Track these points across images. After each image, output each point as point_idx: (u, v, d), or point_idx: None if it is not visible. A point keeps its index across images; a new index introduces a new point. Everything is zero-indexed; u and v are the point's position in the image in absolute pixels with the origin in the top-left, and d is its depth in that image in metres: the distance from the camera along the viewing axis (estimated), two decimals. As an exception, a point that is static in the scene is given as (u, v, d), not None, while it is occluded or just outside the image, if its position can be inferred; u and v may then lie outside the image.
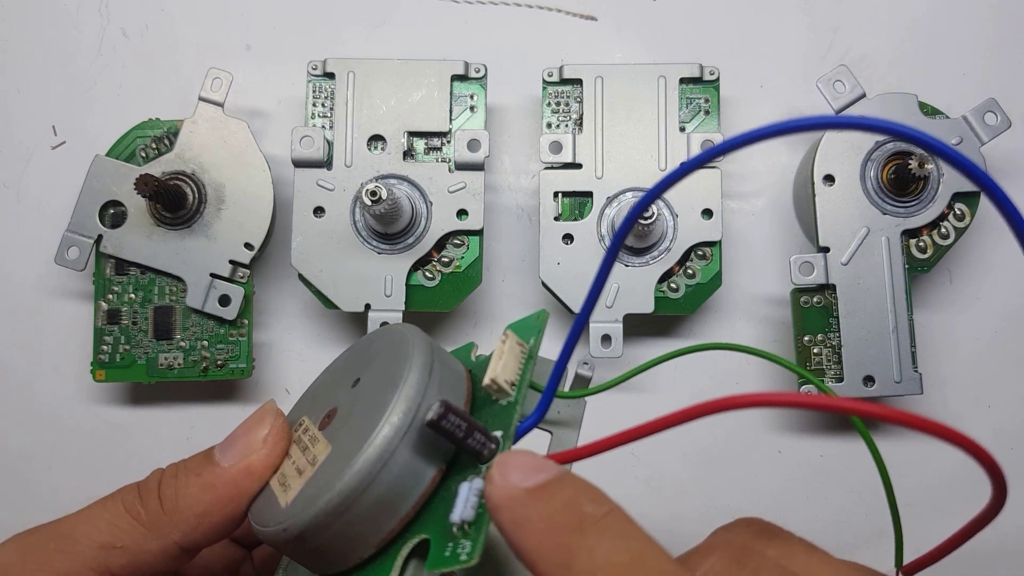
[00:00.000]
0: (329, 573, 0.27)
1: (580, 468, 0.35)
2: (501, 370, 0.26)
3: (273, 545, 0.27)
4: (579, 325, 0.26)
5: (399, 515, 0.26)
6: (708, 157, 0.23)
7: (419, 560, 0.25)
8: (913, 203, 0.45)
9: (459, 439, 0.25)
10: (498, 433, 0.25)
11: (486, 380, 0.26)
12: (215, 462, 0.29)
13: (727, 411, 0.22)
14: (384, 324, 0.32)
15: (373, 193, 0.42)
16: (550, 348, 0.41)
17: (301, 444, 0.29)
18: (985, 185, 0.22)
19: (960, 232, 0.46)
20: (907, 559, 0.48)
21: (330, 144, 0.47)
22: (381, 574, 0.25)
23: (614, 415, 0.48)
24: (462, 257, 0.47)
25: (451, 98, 0.47)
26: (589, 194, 0.47)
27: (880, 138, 0.46)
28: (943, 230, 0.46)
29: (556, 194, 0.47)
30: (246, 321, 0.47)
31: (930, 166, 0.44)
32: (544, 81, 0.48)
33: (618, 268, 0.46)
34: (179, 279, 0.46)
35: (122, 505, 0.29)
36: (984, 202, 0.46)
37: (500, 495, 0.22)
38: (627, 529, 0.22)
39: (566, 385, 0.33)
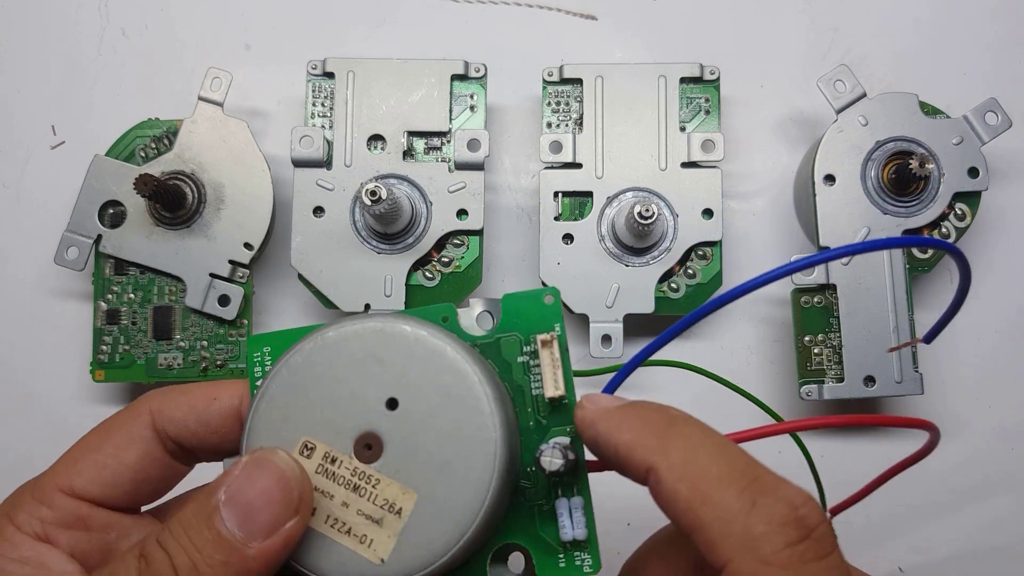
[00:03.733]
0: None
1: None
2: (561, 381, 0.27)
3: None
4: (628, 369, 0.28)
5: (489, 537, 0.26)
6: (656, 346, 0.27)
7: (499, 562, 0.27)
8: (914, 203, 0.45)
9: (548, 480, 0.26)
10: (565, 440, 0.27)
11: (550, 395, 0.27)
12: (241, 541, 0.24)
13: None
14: (369, 312, 0.29)
15: (373, 193, 0.42)
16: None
17: (342, 481, 0.26)
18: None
19: (961, 232, 0.46)
20: (907, 559, 0.48)
21: (330, 144, 0.46)
22: None
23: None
24: (462, 257, 0.47)
25: (451, 98, 0.47)
26: (589, 194, 0.47)
27: (880, 138, 0.46)
28: (944, 230, 0.46)
29: (556, 194, 0.47)
30: (245, 321, 0.46)
31: (931, 166, 0.44)
32: (544, 81, 0.48)
33: (618, 268, 0.46)
34: (178, 279, 0.46)
35: None
36: (985, 202, 0.46)
37: (594, 413, 0.25)
38: (710, 428, 0.25)
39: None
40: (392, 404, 0.26)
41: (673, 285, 0.47)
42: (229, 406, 0.28)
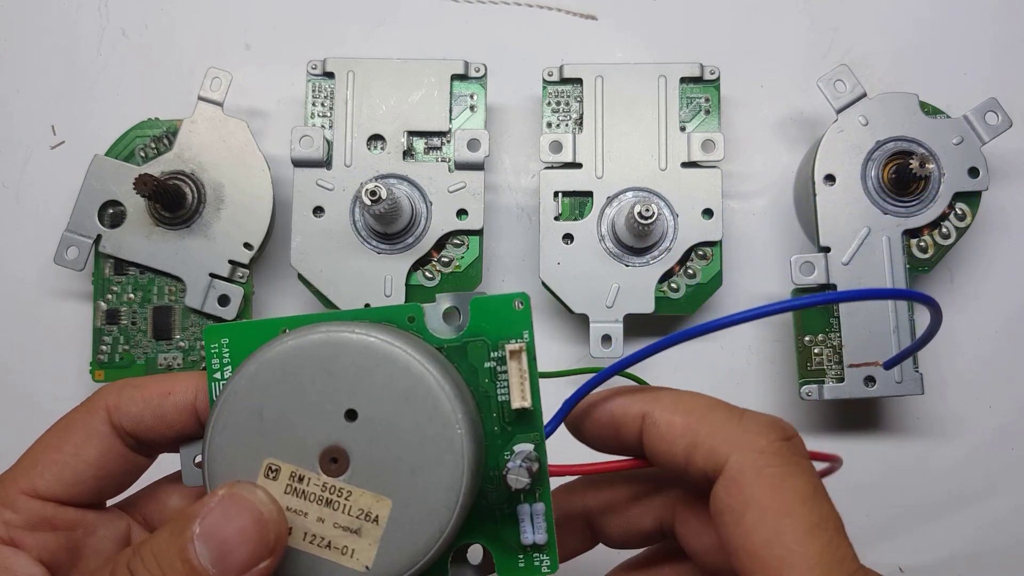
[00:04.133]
0: None
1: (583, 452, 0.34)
2: (528, 392, 0.27)
3: None
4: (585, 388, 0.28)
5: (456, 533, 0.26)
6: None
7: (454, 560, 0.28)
8: (914, 203, 0.45)
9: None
10: (530, 447, 0.27)
11: (516, 406, 0.27)
12: None
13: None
14: (320, 321, 0.27)
15: (373, 193, 0.42)
16: (543, 344, 0.41)
17: (313, 497, 0.25)
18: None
19: (961, 232, 0.46)
20: (907, 559, 0.48)
21: (330, 144, 0.46)
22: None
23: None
24: (462, 257, 0.47)
25: (451, 98, 0.47)
26: (589, 194, 0.47)
27: (881, 138, 0.46)
28: (944, 230, 0.46)
29: (556, 194, 0.47)
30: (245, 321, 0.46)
31: (931, 166, 0.44)
32: (544, 80, 0.48)
33: (618, 268, 0.46)
34: (178, 279, 0.46)
35: None
36: (985, 202, 0.46)
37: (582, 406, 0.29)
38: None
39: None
40: (351, 415, 0.25)
41: (673, 285, 0.47)
42: (184, 400, 0.28)
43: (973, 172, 0.45)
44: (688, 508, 0.29)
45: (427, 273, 0.46)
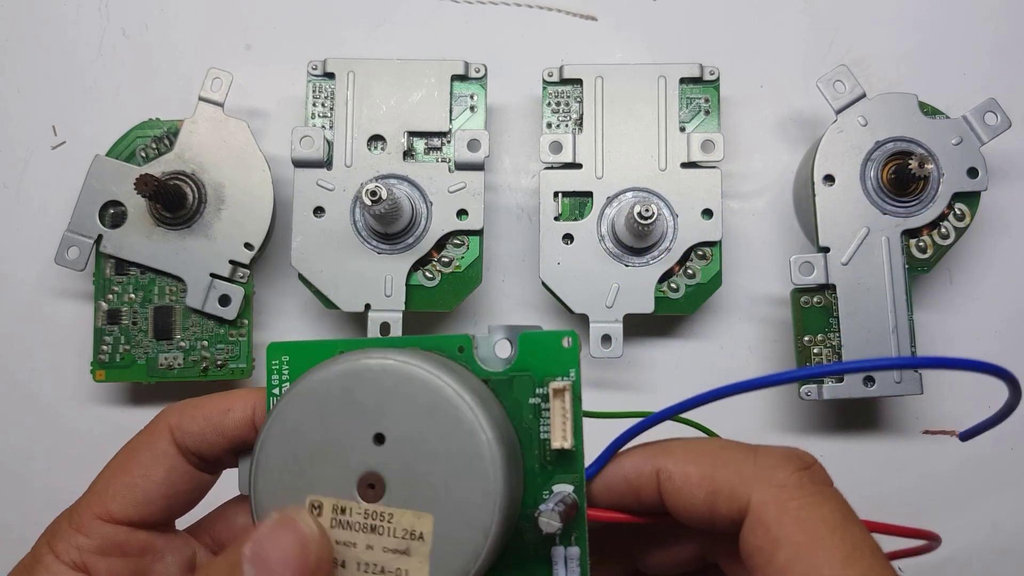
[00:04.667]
0: None
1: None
2: (568, 432, 0.26)
3: None
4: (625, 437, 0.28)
5: (493, 560, 0.26)
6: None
7: None
8: (913, 203, 0.45)
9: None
10: (569, 488, 0.27)
11: (556, 446, 0.26)
12: None
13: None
14: (320, 364, 0.27)
15: (373, 193, 0.42)
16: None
17: (359, 526, 0.26)
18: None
19: (960, 232, 0.46)
20: (907, 559, 0.48)
21: (330, 144, 0.47)
22: None
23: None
24: (462, 257, 0.47)
25: (451, 98, 0.47)
26: (589, 194, 0.47)
27: (880, 138, 0.46)
28: (943, 230, 0.46)
29: (556, 194, 0.47)
30: (246, 321, 0.46)
31: (930, 166, 0.44)
32: (544, 81, 0.48)
33: (618, 268, 0.46)
34: (179, 279, 0.46)
35: None
36: (984, 203, 0.46)
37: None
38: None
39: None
40: (379, 439, 0.26)
41: (673, 285, 0.47)
42: (243, 416, 0.29)
43: (972, 172, 0.45)
44: (728, 539, 0.28)
45: (427, 273, 0.46)
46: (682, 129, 0.47)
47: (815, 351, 0.45)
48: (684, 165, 0.47)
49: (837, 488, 0.25)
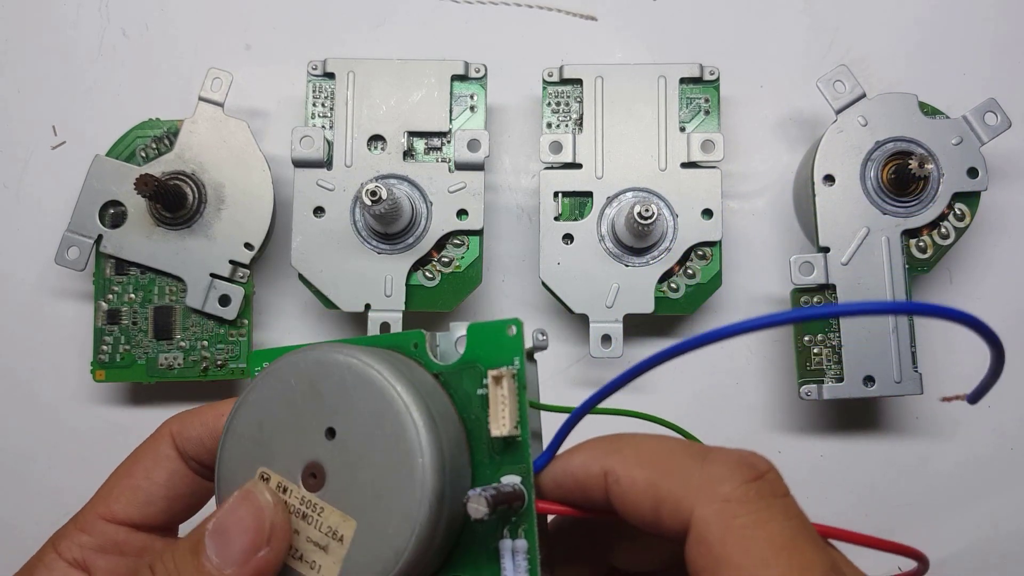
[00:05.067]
0: None
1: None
2: (509, 419, 0.26)
3: None
4: (573, 419, 0.26)
5: (435, 566, 0.27)
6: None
7: None
8: (913, 203, 0.45)
9: (497, 516, 0.25)
10: (516, 479, 0.26)
11: (496, 434, 0.26)
12: (216, 567, 0.25)
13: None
14: (299, 349, 0.28)
15: (373, 193, 0.42)
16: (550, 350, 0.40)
17: (293, 509, 0.26)
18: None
19: (960, 232, 0.46)
20: (907, 559, 0.48)
21: (330, 144, 0.47)
22: None
23: (614, 417, 0.48)
24: (462, 257, 0.47)
25: (451, 98, 0.47)
26: (589, 194, 0.47)
27: (880, 138, 0.46)
28: (943, 230, 0.46)
29: (556, 194, 0.47)
30: (246, 321, 0.46)
31: (930, 166, 0.44)
32: (544, 81, 0.48)
33: (618, 268, 0.46)
34: (179, 279, 0.46)
35: None
36: (984, 203, 0.46)
37: (547, 471, 0.26)
38: (660, 434, 0.25)
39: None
40: (331, 433, 0.26)
41: (673, 285, 0.47)
42: None
43: (972, 172, 0.45)
44: None
45: (427, 273, 0.46)
46: (682, 129, 0.47)
47: (815, 351, 0.45)
48: (684, 165, 0.47)
49: (793, 499, 0.23)
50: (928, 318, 0.43)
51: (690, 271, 0.47)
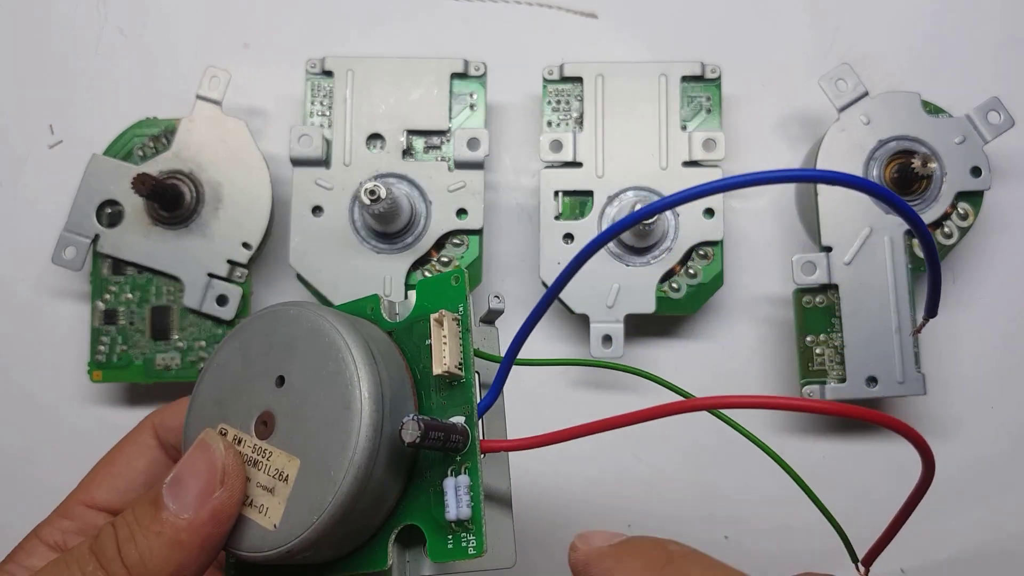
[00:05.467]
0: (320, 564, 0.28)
1: (580, 457, 0.34)
2: (449, 357, 0.27)
3: (266, 563, 0.27)
4: (528, 325, 0.27)
5: (383, 512, 0.27)
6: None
7: (402, 544, 0.28)
8: (916, 202, 0.45)
9: (437, 448, 0.26)
10: (461, 419, 0.27)
11: (437, 371, 0.27)
12: (173, 513, 0.26)
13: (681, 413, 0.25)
14: (271, 306, 0.29)
15: (372, 192, 0.42)
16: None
17: (246, 458, 0.27)
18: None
19: (963, 232, 0.45)
20: (908, 559, 0.48)
21: (329, 143, 0.46)
22: (376, 562, 0.27)
23: (611, 413, 0.48)
24: (462, 256, 0.46)
25: (451, 96, 0.47)
26: (590, 193, 0.47)
27: (883, 137, 0.45)
28: (946, 230, 0.45)
29: (556, 193, 0.47)
30: (244, 321, 0.46)
31: (933, 165, 0.43)
32: (544, 79, 0.47)
33: (619, 268, 0.46)
34: (176, 279, 0.46)
35: None
36: (987, 202, 0.46)
37: (587, 555, 0.26)
38: (712, 562, 0.24)
39: (476, 319, 0.32)
40: (280, 381, 0.27)
41: (674, 285, 0.46)
42: None
43: (975, 171, 0.45)
44: None
45: (427, 273, 0.46)
46: (683, 128, 0.47)
47: (817, 351, 0.45)
48: (685, 164, 0.46)
49: None
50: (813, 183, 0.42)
51: (692, 271, 0.46)
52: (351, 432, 0.25)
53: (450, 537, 0.26)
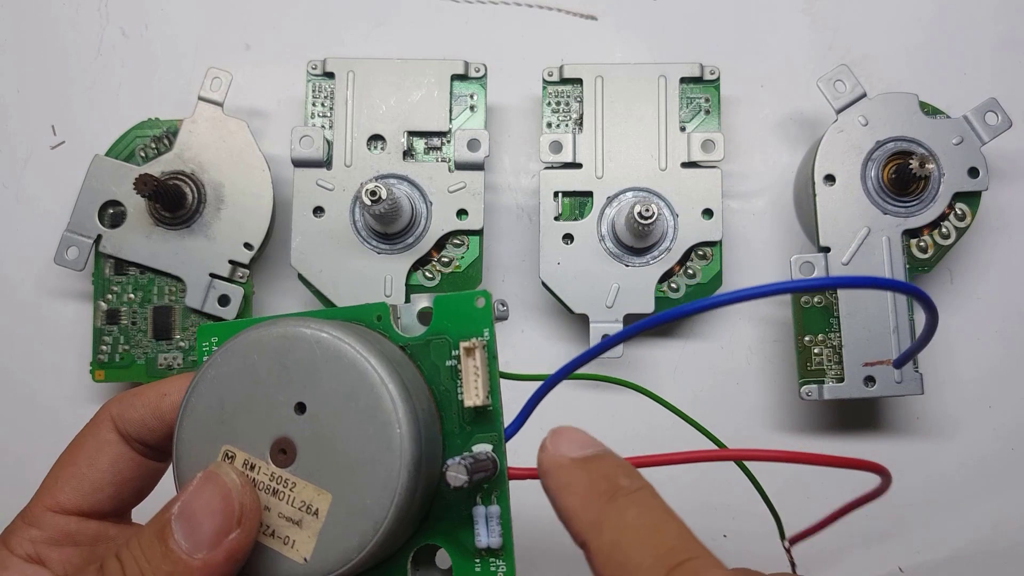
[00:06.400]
0: None
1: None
2: (481, 389, 0.26)
3: None
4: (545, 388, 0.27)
5: (408, 534, 0.27)
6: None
7: (414, 563, 0.28)
8: (914, 203, 0.45)
9: (473, 484, 0.26)
10: (488, 447, 0.27)
11: (469, 404, 0.26)
12: (185, 552, 0.24)
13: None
14: (257, 324, 0.28)
15: (373, 193, 0.42)
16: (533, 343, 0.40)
17: (262, 486, 0.26)
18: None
19: (961, 232, 0.46)
20: (907, 559, 0.48)
21: (330, 144, 0.46)
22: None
23: (615, 412, 0.48)
24: (462, 257, 0.46)
25: (451, 98, 0.47)
26: (589, 194, 0.47)
27: (881, 138, 0.46)
28: (944, 230, 0.46)
29: (556, 194, 0.47)
30: (246, 321, 0.46)
31: (931, 166, 0.44)
32: (544, 81, 0.48)
33: (618, 268, 0.46)
34: (178, 279, 0.46)
35: None
36: (985, 202, 0.46)
37: (550, 462, 0.25)
38: (654, 503, 0.24)
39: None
40: (300, 408, 0.26)
41: (673, 285, 0.47)
42: (180, 399, 0.29)
43: (973, 172, 0.45)
44: None
45: (427, 273, 0.46)
46: (682, 129, 0.47)
47: (816, 351, 0.45)
48: (684, 165, 0.46)
49: None
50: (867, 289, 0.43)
51: (690, 271, 0.47)
52: (392, 472, 0.25)
53: (478, 561, 0.26)
